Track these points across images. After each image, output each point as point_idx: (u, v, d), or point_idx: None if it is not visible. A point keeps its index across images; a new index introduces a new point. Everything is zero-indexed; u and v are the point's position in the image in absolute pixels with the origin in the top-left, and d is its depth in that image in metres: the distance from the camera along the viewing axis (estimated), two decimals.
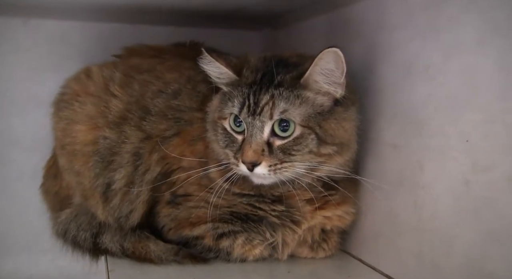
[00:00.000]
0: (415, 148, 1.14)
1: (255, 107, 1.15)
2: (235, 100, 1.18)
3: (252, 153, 1.14)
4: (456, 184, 1.02)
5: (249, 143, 1.15)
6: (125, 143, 1.37)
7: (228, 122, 1.21)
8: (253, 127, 1.15)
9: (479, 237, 0.97)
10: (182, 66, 1.46)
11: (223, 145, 1.22)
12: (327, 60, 1.11)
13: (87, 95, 1.46)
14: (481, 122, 0.97)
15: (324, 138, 1.15)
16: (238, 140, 1.19)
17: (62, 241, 1.47)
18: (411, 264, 1.16)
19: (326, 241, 1.35)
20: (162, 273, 1.25)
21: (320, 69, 1.12)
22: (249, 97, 1.16)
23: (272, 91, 1.15)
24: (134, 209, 1.37)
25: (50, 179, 1.64)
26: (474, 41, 0.98)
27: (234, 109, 1.18)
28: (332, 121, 1.16)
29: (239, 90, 1.19)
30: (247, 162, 1.14)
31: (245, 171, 1.16)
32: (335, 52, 1.09)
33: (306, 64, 1.15)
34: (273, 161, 1.14)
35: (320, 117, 1.15)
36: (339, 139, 1.17)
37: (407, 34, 1.17)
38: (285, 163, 1.15)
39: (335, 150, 1.17)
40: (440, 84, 1.07)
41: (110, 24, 1.88)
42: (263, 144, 1.15)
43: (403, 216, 1.18)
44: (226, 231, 1.28)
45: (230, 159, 1.20)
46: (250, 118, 1.15)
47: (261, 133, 1.15)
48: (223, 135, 1.22)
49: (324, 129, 1.15)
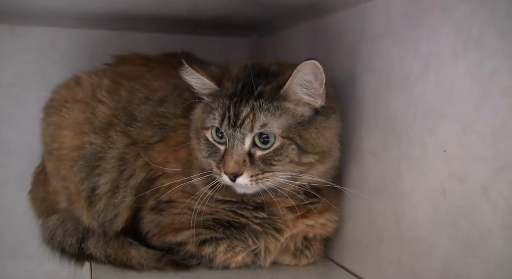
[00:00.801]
0: (395, 156, 1.15)
1: (235, 119, 1.15)
2: (216, 112, 1.19)
3: (233, 164, 1.15)
4: (434, 193, 1.03)
5: (230, 154, 1.16)
6: (111, 148, 1.38)
7: (210, 133, 1.21)
8: (234, 138, 1.16)
9: (456, 245, 0.98)
10: (169, 75, 1.47)
11: (205, 154, 1.22)
12: (305, 72, 1.11)
13: (74, 102, 1.47)
14: (457, 132, 0.98)
15: (304, 147, 1.16)
16: (220, 150, 1.20)
17: (49, 247, 1.47)
18: (391, 272, 1.17)
19: (309, 248, 1.36)
20: None
21: (299, 80, 1.13)
22: (229, 109, 1.16)
23: (252, 103, 1.15)
24: (118, 214, 1.37)
25: (38, 186, 1.65)
26: (450, 52, 0.99)
27: (215, 122, 1.18)
28: (312, 131, 1.17)
29: (220, 101, 1.19)
30: (229, 173, 1.15)
31: (228, 181, 1.17)
32: (314, 64, 1.10)
33: (286, 75, 1.15)
34: (255, 171, 1.15)
35: (301, 127, 1.16)
36: (320, 147, 1.18)
37: (387, 43, 1.18)
38: (267, 173, 1.16)
39: (316, 158, 1.18)
40: (418, 93, 1.08)
41: (97, 31, 1.89)
42: (245, 155, 1.16)
43: (383, 223, 1.19)
44: (209, 237, 1.29)
45: (213, 169, 1.21)
46: (231, 130, 1.16)
47: (242, 145, 1.16)
48: (206, 145, 1.23)
49: (305, 139, 1.16)
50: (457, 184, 0.98)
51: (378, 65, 1.21)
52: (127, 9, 1.59)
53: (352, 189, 1.30)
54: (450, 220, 1.00)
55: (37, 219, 1.61)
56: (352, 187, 1.30)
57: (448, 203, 1.00)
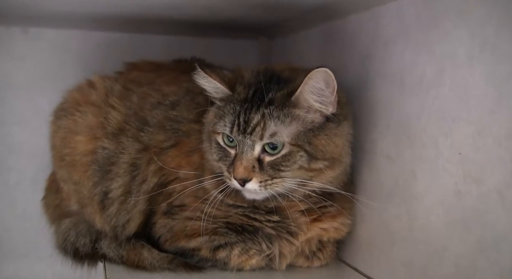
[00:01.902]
0: (408, 159, 1.16)
1: (245, 126, 1.16)
2: (226, 118, 1.19)
3: (243, 170, 1.15)
4: (448, 195, 1.03)
5: (240, 159, 1.16)
6: (123, 154, 1.38)
7: (221, 137, 1.22)
8: (244, 145, 1.16)
9: (469, 248, 0.99)
10: (180, 79, 1.48)
11: (216, 158, 1.23)
12: (316, 80, 1.11)
13: (88, 105, 1.48)
14: (472, 134, 0.98)
15: (314, 154, 1.16)
16: (231, 154, 1.20)
17: (62, 249, 1.47)
18: (403, 274, 1.17)
19: (322, 250, 1.36)
20: None
21: (310, 88, 1.13)
22: (240, 115, 1.17)
23: (263, 110, 1.15)
24: (131, 218, 1.38)
25: (51, 193, 1.65)
26: (465, 55, 1.00)
27: (226, 129, 1.19)
28: (322, 137, 1.17)
29: (231, 107, 1.20)
30: (238, 178, 1.16)
31: (237, 186, 1.18)
32: (325, 72, 1.10)
33: (297, 81, 1.15)
34: (264, 177, 1.16)
35: (311, 133, 1.16)
36: (330, 154, 1.18)
37: (400, 47, 1.19)
38: (276, 179, 1.16)
39: (326, 165, 1.18)
40: (433, 96, 1.08)
41: (109, 33, 1.91)
42: (254, 160, 1.16)
43: (396, 226, 1.19)
44: (223, 242, 1.29)
45: (223, 172, 1.21)
46: (241, 136, 1.16)
47: (251, 151, 1.16)
48: (217, 149, 1.23)
49: (314, 145, 1.16)
50: (472, 186, 0.98)
51: (391, 69, 1.22)
52: (138, 12, 1.60)
53: (365, 191, 1.31)
54: (463, 223, 1.00)
55: (50, 225, 1.61)
56: (365, 190, 1.31)
57: (462, 206, 1.00)
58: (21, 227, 1.87)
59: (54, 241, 1.53)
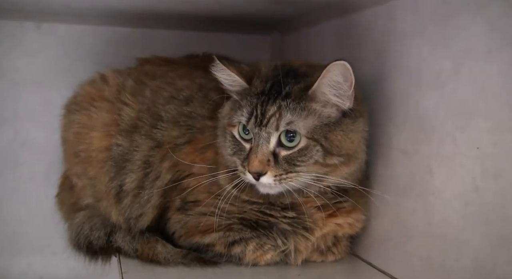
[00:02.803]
0: (425, 154, 1.15)
1: (262, 118, 1.16)
2: (244, 110, 1.19)
3: (257, 163, 1.15)
4: (466, 190, 1.03)
5: (255, 153, 1.16)
6: (136, 151, 1.39)
7: (237, 130, 1.22)
8: (259, 137, 1.16)
9: (488, 243, 0.99)
10: (193, 75, 1.48)
11: (231, 152, 1.23)
12: (335, 73, 1.11)
13: (102, 100, 1.48)
14: (490, 129, 0.98)
15: (330, 149, 1.16)
16: (246, 148, 1.20)
17: (75, 243, 1.48)
18: (419, 268, 1.17)
19: (336, 245, 1.36)
20: (175, 276, 1.27)
21: (328, 81, 1.13)
22: (257, 107, 1.17)
23: (279, 102, 1.15)
24: (144, 213, 1.38)
25: (65, 191, 1.65)
26: (483, 50, 0.99)
27: (243, 119, 1.19)
28: (338, 133, 1.16)
29: (248, 100, 1.20)
30: (253, 172, 1.16)
31: (252, 180, 1.18)
32: (343, 65, 1.10)
33: (315, 76, 1.15)
34: (279, 171, 1.16)
35: (327, 128, 1.16)
36: (345, 150, 1.17)
37: (417, 42, 1.18)
38: (291, 174, 1.16)
39: (341, 160, 1.18)
40: (450, 91, 1.08)
41: (121, 28, 1.91)
42: (269, 154, 1.16)
43: (413, 221, 1.19)
44: (237, 238, 1.30)
45: (238, 167, 1.21)
46: (257, 128, 1.16)
47: (267, 144, 1.16)
48: (232, 143, 1.23)
49: (330, 141, 1.15)
50: (490, 181, 0.98)
51: (408, 63, 1.21)
52: (149, 7, 1.61)
53: (380, 186, 1.31)
54: (482, 217, 1.00)
55: (65, 222, 1.61)
56: (380, 185, 1.31)
57: (481, 200, 1.00)
58: (34, 222, 1.88)
59: (67, 236, 1.53)
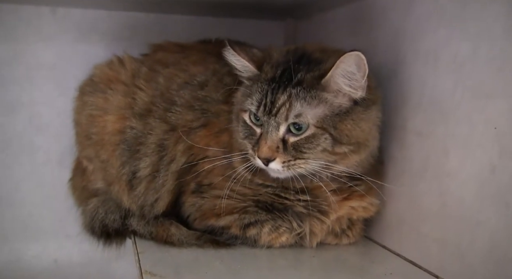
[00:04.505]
0: (441, 135, 1.15)
1: (271, 106, 1.16)
2: (254, 97, 1.20)
3: (267, 150, 1.16)
4: (482, 170, 1.04)
5: (264, 139, 1.17)
6: (150, 135, 1.39)
7: (248, 115, 1.22)
8: (269, 125, 1.17)
9: (504, 223, 0.99)
10: (207, 60, 1.48)
11: (242, 136, 1.24)
12: (349, 64, 1.11)
13: (118, 83, 1.49)
14: (508, 109, 0.98)
15: (339, 138, 1.16)
16: (256, 133, 1.21)
17: (90, 228, 1.49)
18: (434, 250, 1.17)
19: (351, 228, 1.36)
20: (191, 256, 1.27)
21: (342, 71, 1.12)
22: (267, 95, 1.17)
23: (290, 91, 1.15)
24: (159, 198, 1.39)
25: (78, 175, 1.66)
26: (501, 30, 0.99)
27: (252, 107, 1.20)
28: (348, 122, 1.16)
29: (259, 86, 1.20)
30: (262, 157, 1.17)
31: (261, 165, 1.19)
32: (358, 56, 1.09)
33: (328, 64, 1.15)
34: (287, 157, 1.16)
35: (337, 117, 1.15)
36: (355, 139, 1.17)
37: (434, 23, 1.18)
38: (299, 160, 1.17)
39: (351, 149, 1.18)
40: (467, 72, 1.08)
41: (135, 13, 1.91)
42: (278, 141, 1.17)
43: (427, 202, 1.20)
44: (253, 220, 1.30)
45: (248, 151, 1.22)
46: (266, 116, 1.17)
47: (276, 131, 1.16)
48: (244, 127, 1.24)
49: (340, 130, 1.15)
50: (507, 161, 0.98)
51: (424, 45, 1.21)
52: None
53: (395, 169, 1.31)
54: (498, 197, 1.00)
55: (78, 207, 1.63)
56: (395, 167, 1.31)
57: (497, 180, 1.00)
58: (49, 206, 1.90)
59: (81, 221, 1.55)
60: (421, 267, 1.22)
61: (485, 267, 1.03)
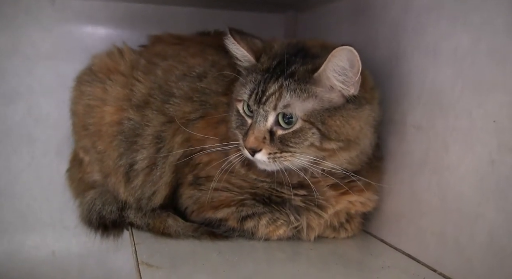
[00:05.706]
0: (440, 129, 1.15)
1: (261, 95, 1.16)
2: (247, 86, 1.20)
3: (253, 140, 1.16)
4: (482, 164, 1.03)
5: (252, 129, 1.17)
6: (148, 126, 1.39)
7: (242, 105, 1.22)
8: (258, 114, 1.17)
9: (503, 217, 0.99)
10: (205, 52, 1.48)
11: (234, 126, 1.24)
12: (340, 58, 1.10)
13: (118, 73, 1.48)
14: (508, 103, 0.97)
15: (327, 134, 1.15)
16: (247, 123, 1.21)
17: (87, 220, 1.49)
18: (433, 244, 1.17)
19: (349, 222, 1.36)
20: (188, 248, 1.27)
21: (334, 66, 1.11)
22: (259, 85, 1.17)
23: (281, 81, 1.15)
24: (157, 190, 1.39)
25: (75, 166, 1.65)
26: (503, 23, 0.99)
27: (245, 96, 1.19)
28: (338, 118, 1.15)
29: (254, 76, 1.20)
30: (248, 147, 1.17)
31: (248, 155, 1.19)
32: (349, 51, 1.08)
33: (322, 59, 1.13)
34: (273, 149, 1.16)
35: (326, 113, 1.14)
36: (344, 136, 1.16)
37: (434, 16, 1.17)
38: (285, 153, 1.16)
39: (340, 146, 1.17)
40: (468, 65, 1.07)
41: (134, 4, 1.90)
42: (265, 132, 1.16)
43: (426, 196, 1.19)
44: (250, 213, 1.30)
45: (239, 141, 1.22)
46: (256, 105, 1.17)
47: (264, 121, 1.16)
48: (236, 117, 1.24)
49: (328, 125, 1.14)
50: (507, 155, 0.97)
51: (424, 39, 1.20)
52: None
53: (394, 162, 1.31)
54: (498, 191, 1.00)
55: (75, 199, 1.62)
56: (394, 161, 1.31)
57: (497, 174, 1.00)
58: (47, 197, 1.89)
59: (78, 213, 1.54)
60: (419, 261, 1.21)
61: (484, 261, 1.03)
